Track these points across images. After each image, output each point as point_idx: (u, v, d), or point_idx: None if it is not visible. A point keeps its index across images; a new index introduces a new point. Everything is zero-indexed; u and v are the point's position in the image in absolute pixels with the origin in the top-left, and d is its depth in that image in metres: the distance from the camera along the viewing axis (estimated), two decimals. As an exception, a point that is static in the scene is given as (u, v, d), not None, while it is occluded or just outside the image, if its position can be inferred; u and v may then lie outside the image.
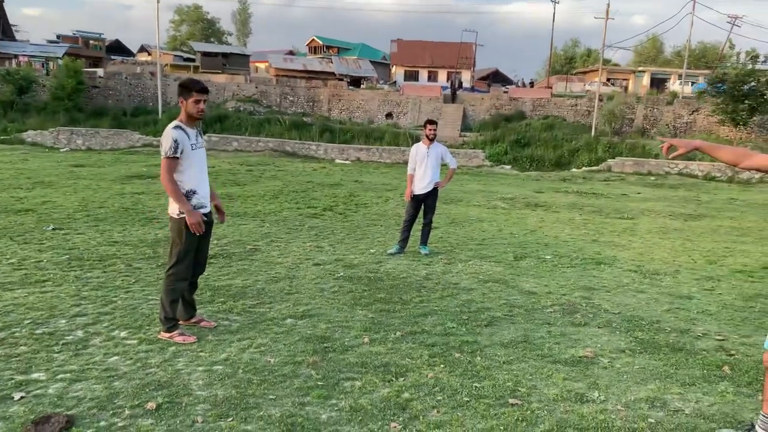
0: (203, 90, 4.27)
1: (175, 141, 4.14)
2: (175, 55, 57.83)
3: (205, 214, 4.37)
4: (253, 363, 3.99)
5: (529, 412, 3.47)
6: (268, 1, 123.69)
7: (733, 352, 4.67)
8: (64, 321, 4.65)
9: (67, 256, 6.73)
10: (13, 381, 3.57)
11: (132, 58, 57.04)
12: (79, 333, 4.40)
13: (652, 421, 3.43)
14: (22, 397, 3.36)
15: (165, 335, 4.35)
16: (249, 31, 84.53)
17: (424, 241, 8.01)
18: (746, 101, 29.46)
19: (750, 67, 30.99)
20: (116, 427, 3.09)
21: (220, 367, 3.90)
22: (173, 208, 4.28)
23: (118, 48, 62.26)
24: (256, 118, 34.70)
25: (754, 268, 7.86)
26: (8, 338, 4.24)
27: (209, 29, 77.21)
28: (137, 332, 4.47)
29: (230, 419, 3.22)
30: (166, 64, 46.60)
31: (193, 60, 54.08)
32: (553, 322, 5.22)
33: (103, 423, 3.12)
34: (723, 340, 4.95)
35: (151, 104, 36.98)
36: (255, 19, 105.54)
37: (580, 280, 6.83)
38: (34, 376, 3.66)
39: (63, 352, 4.03)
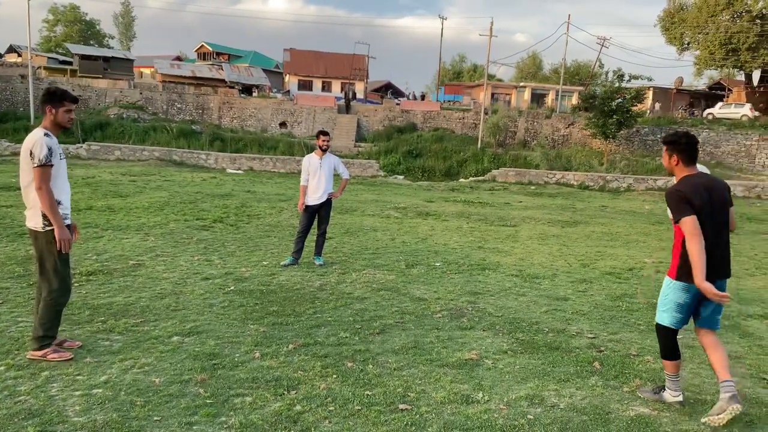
0: (75, 100, 4.30)
1: (50, 148, 4.01)
2: (50, 57, 53.80)
3: (68, 226, 4.19)
4: (136, 384, 3.80)
5: (418, 416, 3.59)
6: (154, 4, 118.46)
7: (602, 348, 5.08)
8: None
9: None
10: None
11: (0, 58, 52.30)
12: (-66, 362, 3.98)
13: (531, 417, 3.66)
14: None
15: (37, 354, 4.07)
16: (133, 34, 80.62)
17: (319, 251, 8.03)
18: (614, 116, 32.19)
19: (617, 84, 33.91)
20: (-22, 463, 2.83)
21: (100, 391, 3.68)
22: (36, 221, 4.07)
23: (-19, 47, 56.85)
24: (141, 125, 33.04)
25: (622, 270, 8.60)
26: None
27: (88, 31, 72.66)
28: (5, 358, 4.12)
29: (110, 445, 3.06)
30: (39, 67, 43.21)
31: (70, 63, 50.52)
32: (442, 326, 5.42)
33: (-38, 460, 2.85)
34: (594, 337, 5.37)
35: (21, 109, 34.13)
36: (139, 22, 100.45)
37: (466, 285, 7.14)
38: None
39: None
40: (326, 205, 7.95)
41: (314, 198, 7.84)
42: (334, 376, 4.13)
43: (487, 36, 36.61)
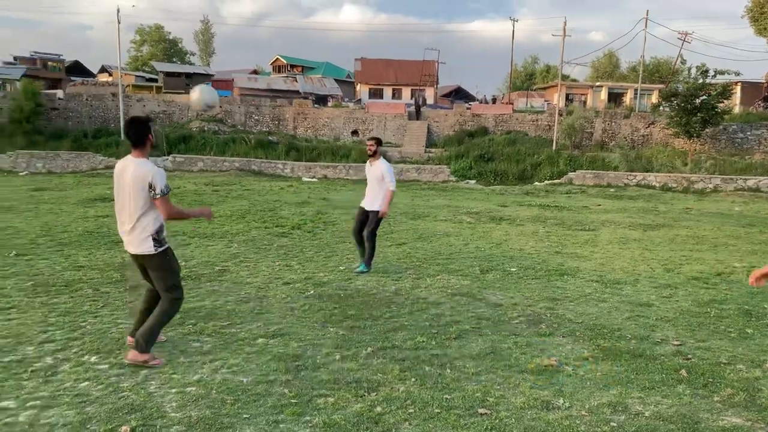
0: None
1: (165, 177, 4.37)
2: (137, 76, 57.16)
3: (166, 249, 4.48)
4: (225, 383, 4.02)
5: (497, 421, 3.60)
6: (232, 20, 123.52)
7: (689, 356, 4.89)
8: (31, 348, 4.60)
9: (32, 283, 6.63)
10: (-19, 410, 3.53)
11: (92, 78, 56.11)
12: (48, 359, 4.36)
13: (615, 424, 3.59)
14: (-9, 427, 3.34)
15: (139, 357, 4.31)
16: (212, 50, 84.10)
17: (362, 258, 7.86)
18: (698, 114, 30.61)
19: (701, 81, 32.24)
20: (90, 452, 3.09)
21: (193, 389, 3.92)
22: (147, 246, 4.32)
23: (78, 69, 61.16)
24: (221, 137, 34.50)
25: (709, 275, 8.19)
26: (-26, 367, 4.18)
27: (171, 49, 76.58)
28: (107, 357, 4.46)
29: (205, 440, 3.26)
30: (128, 85, 46.03)
31: (155, 80, 53.55)
32: (520, 332, 5.38)
33: (76, 449, 3.12)
34: (680, 345, 5.17)
35: (112, 125, 36.42)
36: (218, 38, 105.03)
37: (544, 291, 7.03)
38: (3, 404, 3.63)
39: (32, 380, 4.00)
40: (372, 212, 7.73)
41: (365, 201, 7.86)
42: (413, 379, 4.20)
43: (560, 36, 35.78)
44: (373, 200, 7.76)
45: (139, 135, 4.34)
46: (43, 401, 3.67)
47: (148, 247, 4.34)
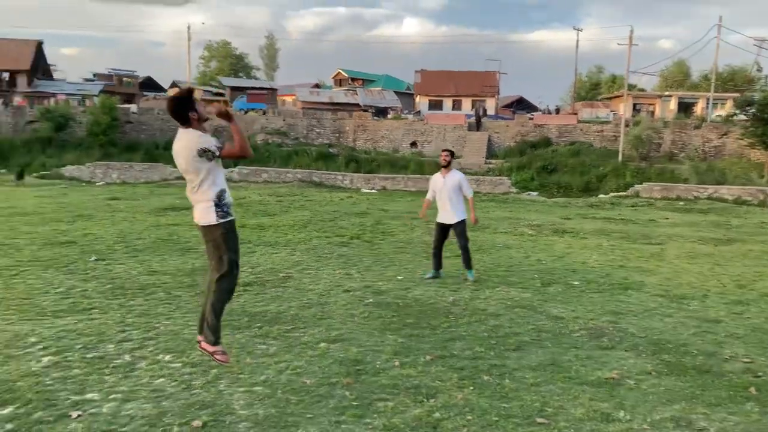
0: (193, 91, 4.39)
1: (209, 141, 4.11)
2: (205, 90, 59.45)
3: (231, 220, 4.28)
4: (290, 384, 4.20)
5: (556, 430, 3.60)
6: (296, 35, 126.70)
7: (760, 374, 4.72)
8: (111, 346, 4.93)
9: (111, 286, 7.07)
10: (69, 401, 3.83)
11: (164, 93, 58.86)
12: (127, 357, 4.67)
13: (678, 439, 3.52)
14: (78, 416, 3.62)
15: (210, 348, 4.18)
16: (276, 65, 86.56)
17: (467, 265, 8.13)
18: (776, 123, 29.13)
19: (779, 89, 30.71)
20: (166, 442, 3.32)
21: (260, 388, 4.11)
22: (210, 217, 4.12)
23: (150, 84, 64.28)
24: (284, 149, 35.50)
25: (785, 292, 7.82)
26: (62, 362, 4.53)
27: (238, 64, 79.29)
28: (180, 356, 4.72)
29: (271, 436, 3.42)
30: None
31: (222, 95, 55.58)
32: (581, 345, 5.32)
33: (154, 439, 3.35)
34: (750, 362, 4.99)
35: (182, 138, 38.09)
36: (282, 53, 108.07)
37: (607, 304, 6.91)
38: (89, 396, 3.92)
39: (113, 375, 4.29)
40: (458, 225, 8.03)
41: (443, 216, 8.05)
42: (471, 387, 4.25)
43: (626, 45, 34.90)
44: (453, 212, 7.98)
45: (180, 115, 4.10)
46: (123, 395, 3.95)
47: (209, 219, 4.14)
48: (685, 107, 45.38)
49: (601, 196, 25.47)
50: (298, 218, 14.33)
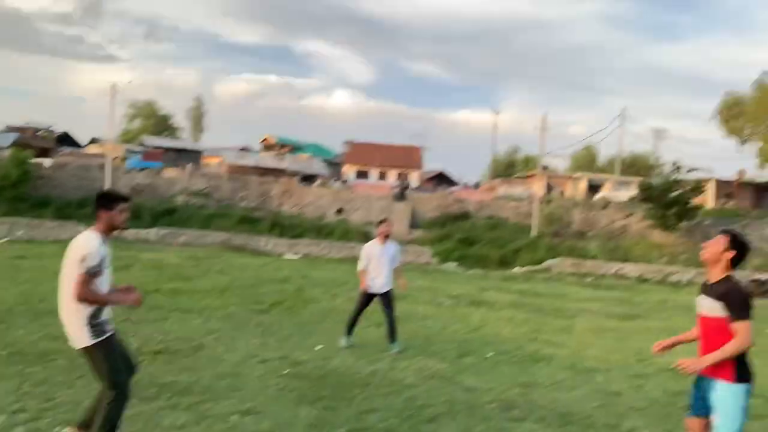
0: (127, 199, 4.11)
1: (102, 258, 3.87)
2: (127, 149, 58.00)
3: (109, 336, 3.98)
4: (197, 459, 4.04)
5: (465, 504, 3.64)
6: (225, 100, 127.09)
7: (656, 446, 4.98)
8: (4, 417, 4.58)
9: (7, 351, 6.59)
10: (-52, 480, 3.51)
11: (81, 149, 56.88)
12: (20, 429, 4.35)
13: None
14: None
15: None
16: (203, 127, 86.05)
17: (393, 338, 8.14)
18: (673, 208, 31.72)
19: (675, 176, 33.61)
20: None
21: (165, 464, 3.93)
22: (83, 339, 3.86)
23: (68, 139, 62.06)
24: (206, 211, 34.83)
25: (680, 366, 8.34)
26: (-57, 436, 4.15)
27: (163, 124, 78.19)
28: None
29: None
30: (116, 157, 46.63)
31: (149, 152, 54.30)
32: (492, 417, 5.45)
33: None
34: (647, 435, 5.27)
35: (98, 196, 36.65)
36: (210, 116, 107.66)
37: (519, 376, 7.12)
38: (-29, 474, 3.61)
39: (2, 450, 3.98)
40: (388, 294, 8.17)
41: (377, 285, 8.12)
42: (384, 460, 4.24)
43: (539, 129, 37.38)
44: (386, 281, 8.11)
45: (96, 207, 3.98)
46: (12, 472, 3.66)
47: (84, 340, 3.85)
48: (594, 188, 48.62)
49: (516, 269, 26.45)
50: (217, 283, 13.97)
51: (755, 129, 43.21)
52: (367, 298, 8.20)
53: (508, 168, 72.58)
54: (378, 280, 8.10)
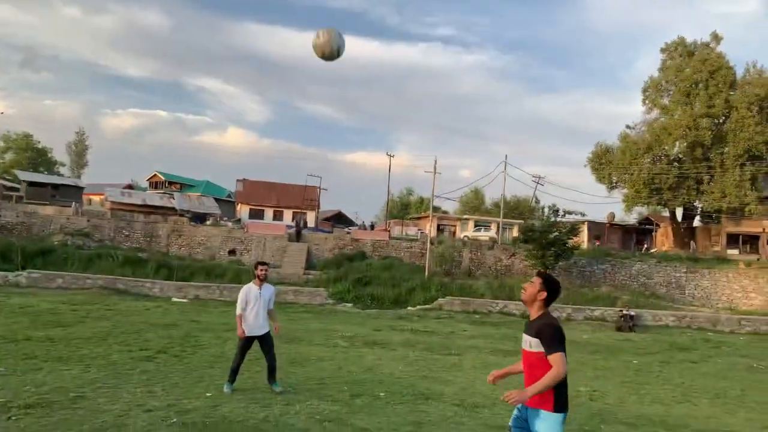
0: None
1: None
2: (-4, 183, 53.41)
3: None
4: None
5: None
6: (110, 134, 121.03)
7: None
8: None
9: None
10: None
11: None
12: None
13: None
14: None
15: None
16: (85, 162, 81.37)
17: (273, 378, 8.21)
18: (552, 248, 34.00)
19: (552, 219, 36.16)
20: None
21: None
22: None
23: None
24: (85, 252, 32.58)
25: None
26: None
27: (39, 158, 73.04)
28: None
29: None
30: (-16, 192, 42.81)
31: (17, 189, 50.29)
32: (383, 456, 5.57)
33: None
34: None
35: (-41, 234, 33.29)
36: (93, 151, 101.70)
37: (409, 415, 7.32)
38: None
39: None
40: (268, 336, 8.18)
41: (255, 327, 8.06)
42: (275, 506, 4.23)
43: (431, 173, 38.94)
44: (264, 324, 8.13)
45: None
46: None
47: None
48: (481, 229, 51.02)
49: (410, 308, 27.03)
50: (97, 330, 13.14)
51: (620, 177, 47.51)
52: (247, 341, 8.13)
53: (402, 209, 74.56)
54: (256, 323, 8.08)
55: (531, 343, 4.02)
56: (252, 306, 8.08)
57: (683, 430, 7.51)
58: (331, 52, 4.95)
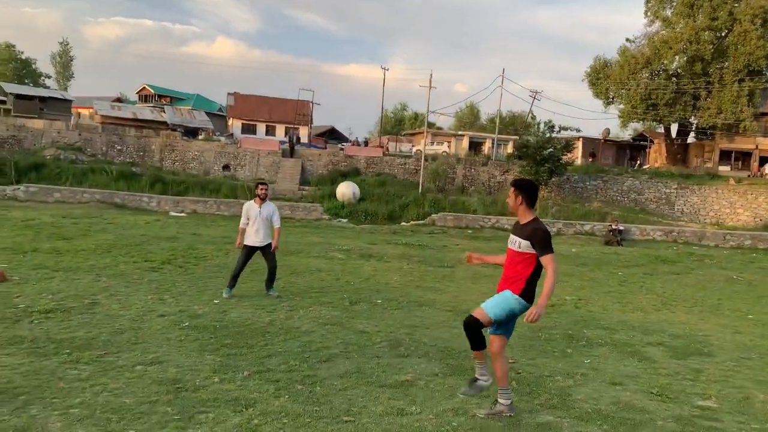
0: None
1: None
2: (-18, 96, 52.27)
3: None
4: (109, 404, 4.26)
5: (360, 425, 4.20)
6: (95, 44, 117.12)
7: (520, 371, 5.85)
8: None
9: None
10: None
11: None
12: None
13: (456, 424, 4.34)
14: None
15: None
16: (71, 74, 79.38)
17: (270, 285, 8.88)
18: (546, 164, 34.25)
19: (547, 135, 36.16)
20: (-22, 469, 3.25)
21: (77, 410, 4.12)
22: None
23: None
24: (79, 167, 32.56)
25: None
26: None
27: (24, 70, 71.09)
28: (-20, 386, 4.48)
29: (94, 452, 3.53)
30: (-29, 105, 42.05)
31: (3, 102, 49.31)
32: (382, 355, 6.06)
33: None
34: (514, 362, 6.13)
35: (-51, 149, 33.07)
36: (78, 62, 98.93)
37: (405, 319, 7.83)
38: None
39: None
40: (266, 247, 8.73)
41: (254, 240, 8.65)
42: (287, 396, 4.69)
43: (426, 87, 38.42)
44: (264, 237, 8.66)
45: None
46: None
47: None
48: (475, 146, 51.01)
49: (403, 223, 27.58)
50: (101, 242, 13.51)
51: (618, 92, 47.03)
52: (249, 250, 8.70)
53: (396, 125, 73.91)
54: (257, 238, 8.64)
55: (520, 244, 4.49)
56: (252, 222, 8.64)
57: (659, 334, 8.08)
58: None
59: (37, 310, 6.89)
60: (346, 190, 6.97)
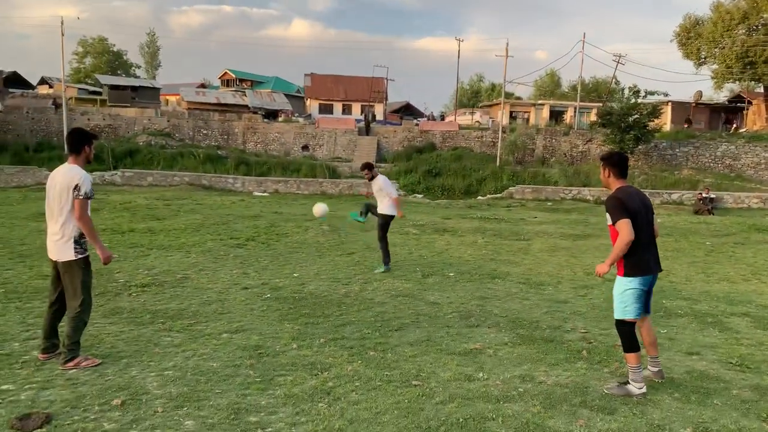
0: (97, 138, 5.01)
1: (92, 184, 4.63)
2: (80, 88, 56.07)
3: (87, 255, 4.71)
4: (198, 367, 4.68)
5: (427, 389, 4.39)
6: (179, 33, 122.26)
7: (592, 341, 5.83)
8: (17, 344, 5.12)
9: (3, 290, 7.05)
10: (-16, 393, 4.07)
11: (32, 90, 54.69)
12: (35, 353, 4.89)
13: (522, 390, 4.44)
14: (-2, 403, 3.89)
15: (70, 365, 4.52)
16: (158, 63, 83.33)
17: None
18: (631, 132, 32.73)
19: (633, 101, 34.45)
20: (89, 419, 3.71)
21: (170, 372, 4.56)
22: (69, 253, 4.54)
23: (16, 80, 59.44)
24: (169, 151, 34.47)
25: (622, 277, 9.27)
26: (-33, 361, 4.68)
27: (116, 61, 75.35)
28: (88, 350, 5.01)
29: (186, 408, 3.93)
30: (71, 98, 45.23)
31: (99, 93, 52.70)
32: (452, 325, 6.21)
33: (77, 417, 3.73)
34: (586, 332, 6.11)
35: (55, 139, 35.82)
36: (164, 51, 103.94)
37: (477, 291, 7.92)
38: (3, 387, 4.17)
39: (24, 368, 4.54)
40: (380, 215, 9.44)
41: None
42: (359, 361, 4.95)
43: (503, 56, 37.54)
44: (384, 209, 9.36)
45: (76, 143, 4.60)
46: (39, 384, 4.24)
47: (68, 255, 4.53)
48: (556, 115, 49.42)
49: (480, 197, 27.37)
50: (190, 222, 14.39)
51: (710, 51, 43.99)
52: (385, 221, 9.35)
53: (473, 97, 72.70)
54: (380, 209, 9.39)
55: (607, 217, 4.58)
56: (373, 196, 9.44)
57: (745, 304, 7.72)
58: None
59: (134, 284, 7.54)
60: (317, 210, 7.50)
